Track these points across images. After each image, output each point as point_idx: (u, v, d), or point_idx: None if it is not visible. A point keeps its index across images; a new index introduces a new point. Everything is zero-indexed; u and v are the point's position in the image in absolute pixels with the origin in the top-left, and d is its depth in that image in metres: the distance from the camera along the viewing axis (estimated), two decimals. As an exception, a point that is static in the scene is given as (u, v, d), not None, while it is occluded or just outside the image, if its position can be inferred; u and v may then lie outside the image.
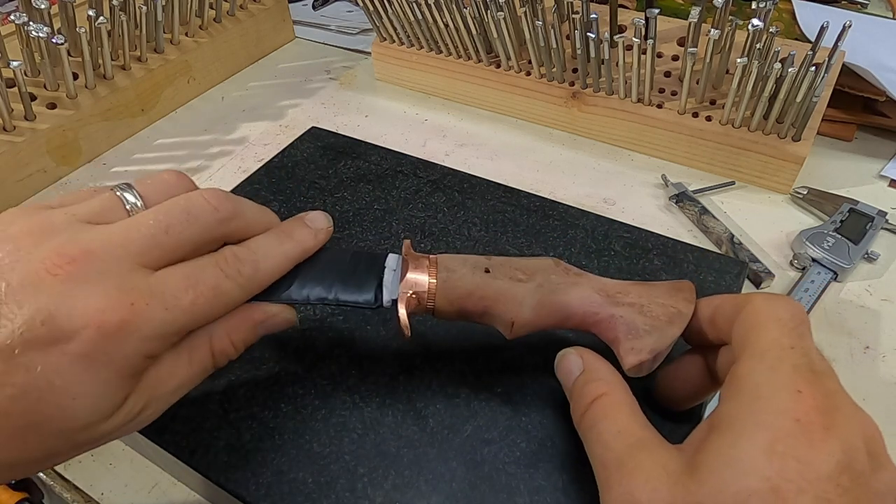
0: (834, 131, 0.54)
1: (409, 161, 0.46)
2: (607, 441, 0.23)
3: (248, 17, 0.64)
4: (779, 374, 0.21)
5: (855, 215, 0.44)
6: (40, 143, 0.49)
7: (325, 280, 0.28)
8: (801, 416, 0.20)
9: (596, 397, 0.25)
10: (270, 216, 0.29)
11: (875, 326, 0.39)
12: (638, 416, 0.24)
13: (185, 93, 0.60)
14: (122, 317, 0.22)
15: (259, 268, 0.26)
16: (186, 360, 0.26)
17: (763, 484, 0.19)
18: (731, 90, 0.45)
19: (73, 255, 0.22)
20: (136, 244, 0.23)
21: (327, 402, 0.30)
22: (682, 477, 0.20)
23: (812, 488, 0.18)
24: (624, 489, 0.21)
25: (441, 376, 0.31)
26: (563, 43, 0.51)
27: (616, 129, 0.52)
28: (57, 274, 0.21)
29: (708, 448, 0.21)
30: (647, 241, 0.39)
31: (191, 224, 0.24)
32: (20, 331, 0.20)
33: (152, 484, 0.32)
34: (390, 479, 0.27)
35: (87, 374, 0.21)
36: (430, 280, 0.27)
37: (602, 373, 0.26)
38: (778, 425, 0.20)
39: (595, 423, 0.24)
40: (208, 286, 0.24)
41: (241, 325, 0.27)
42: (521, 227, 0.40)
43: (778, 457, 0.19)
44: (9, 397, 0.20)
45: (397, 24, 0.57)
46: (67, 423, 0.22)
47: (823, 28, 0.42)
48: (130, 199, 0.25)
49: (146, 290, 0.23)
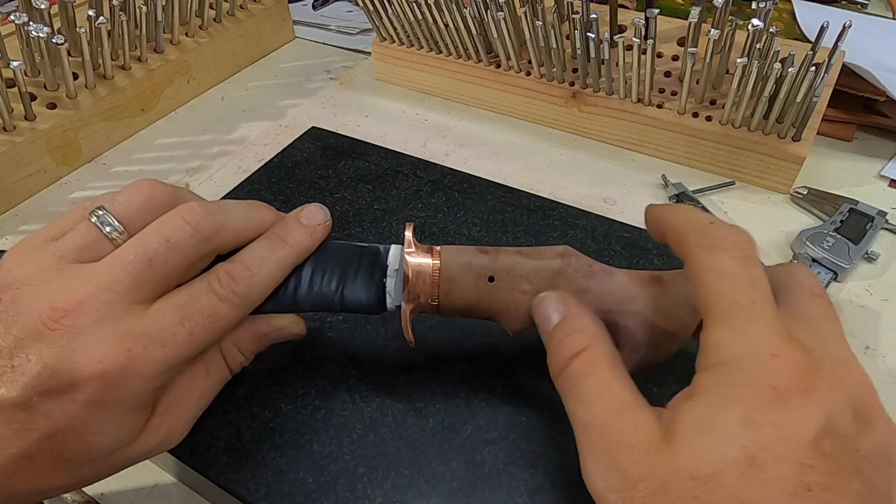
0: (834, 131, 0.54)
1: (409, 161, 0.46)
2: (589, 403, 0.22)
3: (248, 17, 0.64)
4: (750, 338, 0.20)
5: (855, 215, 0.44)
6: (40, 143, 0.49)
7: (326, 289, 0.28)
8: (778, 381, 0.19)
9: (577, 352, 0.23)
10: (261, 215, 0.28)
11: (875, 326, 0.39)
12: (620, 372, 0.23)
13: (185, 93, 0.60)
14: (122, 364, 0.22)
15: (254, 283, 0.26)
16: (203, 372, 0.27)
17: (739, 453, 0.18)
18: (731, 90, 0.45)
19: (66, 308, 0.22)
20: (123, 284, 0.23)
21: (327, 402, 0.30)
22: (661, 445, 0.20)
23: (791, 455, 0.18)
24: (608, 458, 0.21)
25: (441, 376, 0.31)
26: (563, 43, 0.51)
27: (616, 129, 0.52)
28: (55, 329, 0.22)
29: (685, 417, 0.20)
30: (647, 241, 0.39)
31: (173, 251, 0.24)
32: (32, 383, 0.21)
33: (152, 484, 0.32)
34: (390, 479, 0.27)
35: (101, 416, 0.22)
36: (431, 291, 0.27)
37: (584, 322, 0.24)
38: (754, 393, 0.19)
39: (576, 383, 0.23)
40: (203, 314, 0.24)
41: (248, 337, 0.28)
42: (521, 227, 0.40)
43: (755, 426, 0.18)
44: (36, 440, 0.22)
45: (397, 24, 0.57)
46: (94, 454, 0.23)
47: (823, 28, 0.42)
48: (108, 228, 0.24)
49: (141, 332, 0.23)
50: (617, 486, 0.20)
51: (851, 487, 0.18)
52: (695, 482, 0.18)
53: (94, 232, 0.24)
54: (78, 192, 0.51)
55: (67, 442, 0.22)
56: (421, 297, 0.27)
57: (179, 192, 0.26)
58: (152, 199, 0.25)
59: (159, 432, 0.25)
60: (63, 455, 0.22)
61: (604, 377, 0.22)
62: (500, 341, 0.32)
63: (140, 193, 0.25)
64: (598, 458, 0.21)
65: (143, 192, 0.25)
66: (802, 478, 0.18)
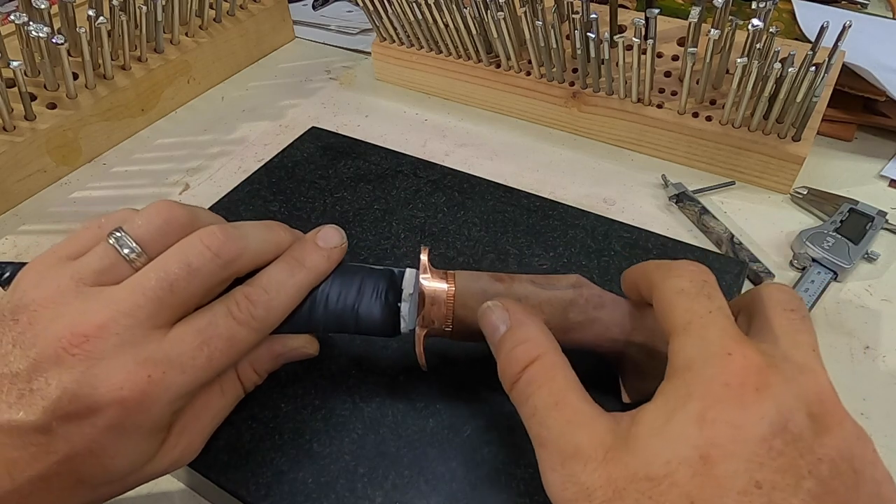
0: (834, 131, 0.54)
1: (409, 161, 0.46)
2: (544, 418, 0.22)
3: (248, 17, 0.64)
4: (706, 341, 0.20)
5: (855, 215, 0.44)
6: (40, 143, 0.49)
7: (341, 311, 0.28)
8: (731, 378, 0.19)
9: (527, 364, 0.23)
10: (278, 236, 0.28)
11: (875, 326, 0.39)
12: (572, 382, 0.23)
13: (185, 93, 0.60)
14: (142, 390, 0.22)
15: (272, 306, 0.26)
16: (219, 392, 0.27)
17: (692, 452, 0.18)
18: (731, 90, 0.45)
19: (86, 333, 0.22)
20: (143, 310, 0.23)
21: (327, 402, 0.30)
22: (619, 452, 0.20)
23: (742, 452, 0.18)
24: (565, 471, 0.21)
25: (441, 376, 0.31)
26: (563, 43, 0.51)
27: (616, 129, 0.52)
28: (75, 354, 0.22)
29: (642, 420, 0.20)
30: (647, 241, 0.39)
31: (194, 277, 0.24)
32: (52, 408, 0.21)
33: (152, 484, 0.32)
34: (390, 479, 0.27)
35: (120, 440, 0.23)
36: (445, 319, 0.27)
37: (531, 331, 0.24)
38: (708, 392, 0.19)
39: (529, 396, 0.23)
40: (222, 339, 0.24)
41: (264, 357, 0.28)
42: (521, 227, 0.40)
43: (708, 424, 0.19)
44: (54, 463, 0.22)
45: (397, 24, 0.57)
46: (112, 476, 0.23)
47: (823, 28, 0.42)
48: (126, 249, 0.24)
49: (161, 358, 0.23)
50: (573, 496, 0.20)
51: (804, 487, 0.18)
52: (650, 483, 0.19)
53: (113, 254, 0.24)
54: (78, 192, 0.51)
55: (86, 465, 0.22)
56: (435, 322, 0.27)
57: (197, 214, 0.26)
58: (170, 221, 0.25)
59: (175, 451, 0.25)
60: (81, 477, 0.23)
61: (556, 388, 0.22)
62: (500, 341, 0.32)
63: (158, 215, 0.25)
64: (557, 471, 0.21)
65: (162, 213, 0.25)
66: (753, 475, 0.18)
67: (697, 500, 0.18)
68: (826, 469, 0.18)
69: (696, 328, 0.21)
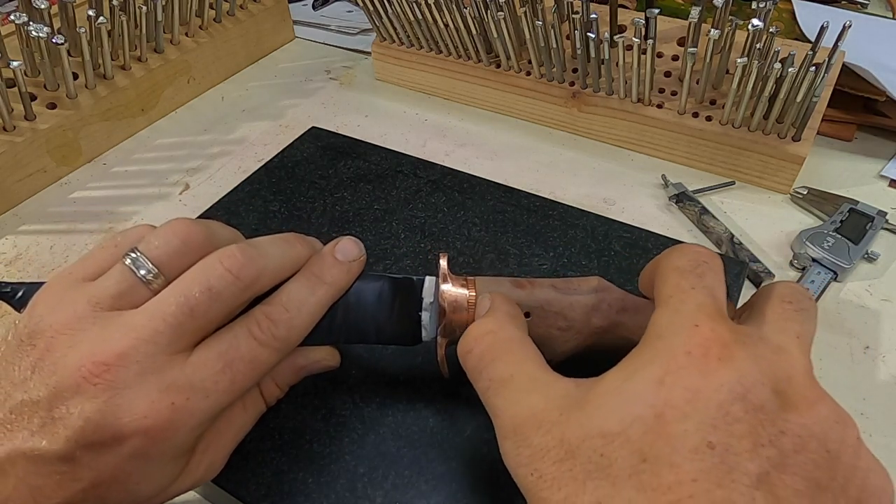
0: (834, 131, 0.54)
1: (409, 161, 0.46)
2: (498, 389, 0.22)
3: (248, 17, 0.64)
4: (680, 314, 0.20)
5: (855, 215, 0.44)
6: (40, 143, 0.49)
7: (361, 321, 0.27)
8: (693, 348, 0.19)
9: (479, 336, 0.23)
10: (295, 251, 0.27)
11: (875, 326, 0.39)
12: (530, 354, 0.23)
13: (185, 93, 0.60)
14: (167, 418, 0.22)
15: (293, 325, 0.25)
16: (241, 408, 0.27)
17: (647, 410, 0.18)
18: (731, 90, 0.45)
19: (106, 362, 0.22)
20: (164, 336, 0.22)
21: (327, 402, 0.30)
22: (574, 413, 0.20)
23: (696, 414, 0.18)
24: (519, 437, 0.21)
25: (441, 376, 0.31)
26: (563, 43, 0.51)
27: (616, 129, 0.52)
28: (96, 384, 0.21)
29: (601, 383, 0.20)
30: (646, 241, 0.39)
31: (214, 301, 0.23)
32: (75, 437, 0.21)
33: (152, 484, 0.32)
34: (390, 479, 0.27)
35: (145, 467, 0.22)
36: (467, 326, 0.26)
37: (497, 311, 0.24)
38: (670, 358, 0.19)
39: (481, 370, 0.23)
40: (245, 361, 0.24)
41: (286, 372, 0.28)
42: (521, 227, 0.40)
43: (666, 387, 0.19)
44: (80, 490, 0.22)
45: (397, 24, 0.57)
46: (137, 499, 0.23)
47: (823, 28, 0.42)
48: (142, 271, 0.24)
49: (185, 384, 0.23)
50: (527, 459, 0.20)
51: (762, 454, 0.18)
52: (604, 440, 0.19)
53: (130, 276, 0.24)
54: (78, 192, 0.51)
55: (111, 491, 0.22)
56: (457, 331, 0.26)
57: (214, 231, 0.26)
58: (188, 241, 0.24)
59: (199, 470, 0.25)
60: (107, 503, 0.22)
61: (511, 360, 0.22)
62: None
63: (175, 235, 0.24)
64: (510, 438, 0.21)
65: (179, 234, 0.24)
66: (706, 435, 0.18)
67: (649, 456, 0.18)
68: (789, 442, 0.18)
69: (675, 301, 0.21)
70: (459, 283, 0.27)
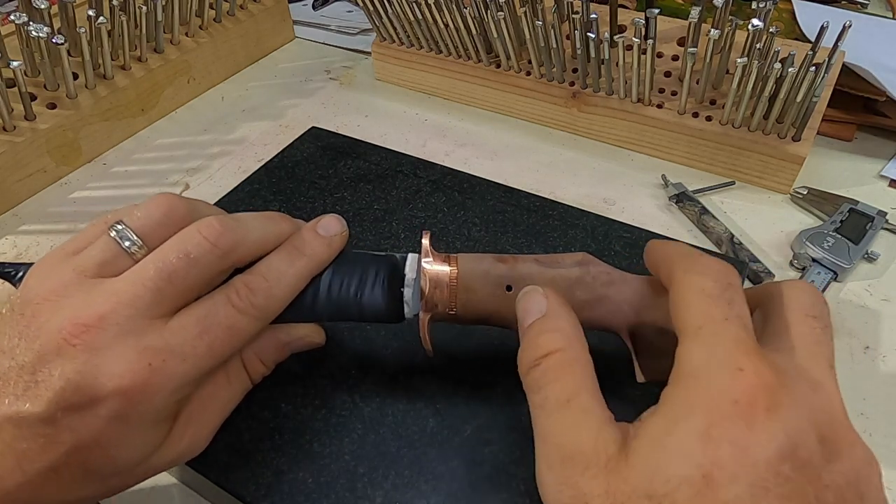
0: (834, 131, 0.54)
1: (409, 161, 0.46)
2: (552, 411, 0.21)
3: (248, 17, 0.64)
4: (716, 350, 0.19)
5: (855, 215, 0.44)
6: (40, 143, 0.49)
7: (344, 299, 0.28)
8: (740, 395, 0.18)
9: (549, 352, 0.22)
10: (278, 226, 0.28)
11: (875, 326, 0.39)
12: (589, 382, 0.22)
13: (185, 93, 0.60)
14: (143, 379, 0.22)
15: (272, 294, 0.26)
16: (225, 382, 0.27)
17: (695, 471, 0.18)
18: (731, 90, 0.45)
19: (87, 323, 0.22)
20: (144, 300, 0.23)
21: (327, 402, 0.30)
22: (619, 463, 0.19)
23: (747, 475, 0.17)
24: (564, 472, 0.20)
25: (441, 376, 0.31)
26: (563, 43, 0.51)
27: (616, 129, 0.52)
28: (76, 344, 0.22)
29: (643, 433, 0.19)
30: (646, 241, 0.38)
31: (192, 267, 0.24)
32: (56, 399, 0.22)
33: (152, 484, 0.32)
34: (390, 479, 0.27)
35: (123, 430, 0.23)
36: (449, 301, 0.27)
37: (562, 323, 0.23)
38: (714, 408, 0.18)
39: (542, 386, 0.22)
40: (222, 327, 0.24)
41: (269, 347, 0.28)
42: (521, 227, 0.40)
43: (713, 442, 0.18)
44: (63, 454, 0.22)
45: (397, 24, 0.57)
46: (119, 467, 0.23)
47: (823, 28, 0.42)
48: (127, 242, 0.25)
49: (162, 346, 0.23)
50: (570, 501, 0.20)
51: None
52: (650, 501, 0.18)
53: (114, 246, 0.24)
54: (78, 192, 0.51)
55: (93, 456, 0.22)
56: (439, 305, 0.27)
57: (197, 206, 0.27)
58: (170, 213, 0.25)
59: (182, 442, 0.25)
60: (89, 468, 0.23)
61: (571, 384, 0.22)
62: (501, 341, 0.32)
63: (157, 208, 0.25)
64: (555, 470, 0.20)
65: (161, 206, 0.25)
66: (757, 500, 0.17)
67: None
68: (832, 496, 0.18)
69: (709, 334, 0.20)
70: (441, 259, 0.27)
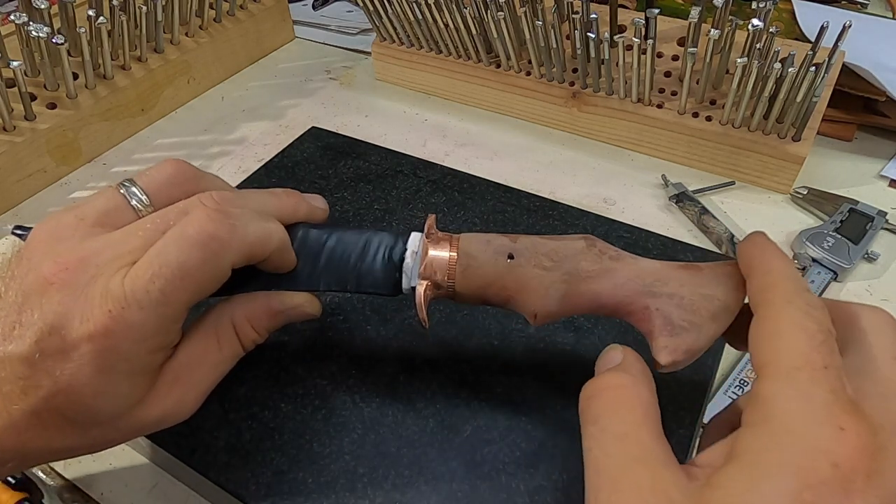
0: (834, 131, 0.54)
1: (409, 161, 0.46)
2: (607, 443, 0.20)
3: (248, 17, 0.64)
4: (815, 403, 0.17)
5: (855, 215, 0.44)
6: (40, 143, 0.49)
7: (342, 267, 0.27)
8: (842, 459, 0.16)
9: (610, 386, 0.21)
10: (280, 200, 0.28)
11: (875, 326, 0.39)
12: (652, 421, 0.20)
13: (185, 93, 0.60)
14: (105, 325, 0.22)
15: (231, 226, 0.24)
16: (215, 345, 0.26)
17: None
18: (731, 90, 0.45)
19: (67, 263, 0.22)
20: (127, 245, 0.23)
21: (327, 402, 0.30)
22: None
23: None
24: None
25: (441, 376, 0.31)
26: (563, 43, 0.51)
27: (616, 129, 0.52)
28: (53, 282, 0.22)
29: (723, 482, 0.17)
30: (646, 241, 0.39)
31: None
32: (35, 338, 0.21)
33: (152, 484, 0.32)
34: (390, 479, 0.27)
35: (99, 376, 0.22)
36: (448, 268, 0.26)
37: (635, 366, 0.22)
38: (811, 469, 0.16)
39: (599, 417, 0.21)
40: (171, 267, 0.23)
41: (261, 313, 0.28)
42: (521, 227, 0.40)
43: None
44: (42, 398, 0.22)
45: (397, 24, 0.57)
46: (99, 417, 0.23)
47: (823, 28, 0.42)
48: (134, 199, 0.25)
49: (120, 294, 0.22)
50: None
51: None
52: None
53: (119, 199, 0.25)
54: (78, 192, 0.51)
55: (70, 402, 0.22)
56: (437, 273, 0.26)
57: (204, 174, 0.27)
58: (177, 175, 0.26)
59: (167, 400, 0.25)
60: (67, 416, 0.22)
61: (631, 418, 0.20)
62: (500, 342, 0.32)
63: (165, 169, 0.26)
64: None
65: (169, 168, 0.26)
66: None
67: None
68: None
69: (807, 380, 0.18)
70: (443, 236, 0.27)
